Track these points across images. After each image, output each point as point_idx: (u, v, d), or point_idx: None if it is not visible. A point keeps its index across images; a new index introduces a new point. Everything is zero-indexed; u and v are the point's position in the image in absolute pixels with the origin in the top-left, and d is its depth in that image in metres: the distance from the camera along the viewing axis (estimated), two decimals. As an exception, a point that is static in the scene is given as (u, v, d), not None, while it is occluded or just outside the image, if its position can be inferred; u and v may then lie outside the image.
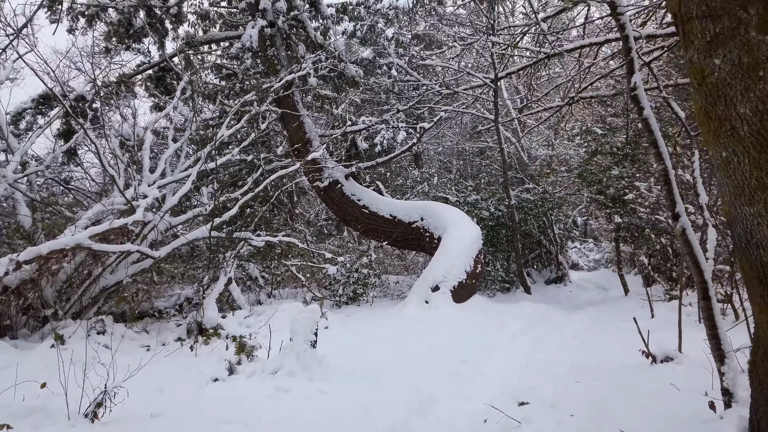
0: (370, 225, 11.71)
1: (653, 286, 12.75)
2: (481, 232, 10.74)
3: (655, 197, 9.16)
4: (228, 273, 7.70)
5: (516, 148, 15.19)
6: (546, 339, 7.20)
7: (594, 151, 11.35)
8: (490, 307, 9.36)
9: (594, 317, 8.81)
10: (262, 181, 9.40)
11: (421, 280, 9.62)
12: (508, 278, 12.93)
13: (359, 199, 11.83)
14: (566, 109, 13.68)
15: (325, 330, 7.58)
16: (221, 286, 7.55)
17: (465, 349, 6.23)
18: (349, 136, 13.18)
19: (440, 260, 9.70)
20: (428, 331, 7.37)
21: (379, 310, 9.57)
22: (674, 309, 8.48)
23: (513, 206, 12.64)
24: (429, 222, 11.12)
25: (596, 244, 23.81)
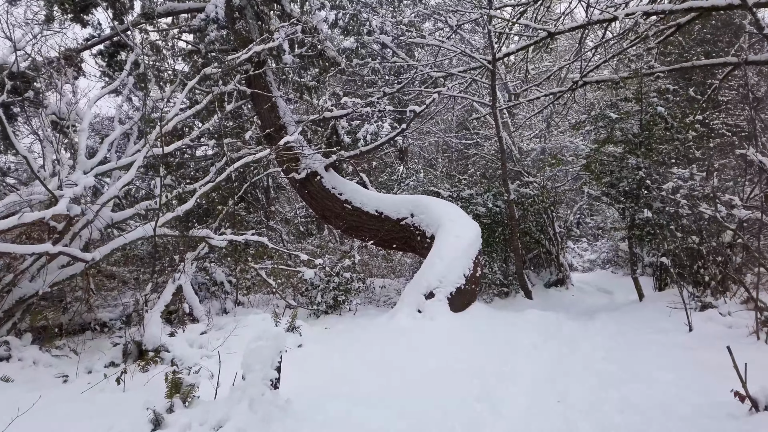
0: (353, 222, 10.32)
1: (666, 290, 11.61)
2: (480, 230, 9.42)
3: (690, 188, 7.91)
4: (178, 279, 6.25)
5: (507, 143, 13.91)
6: (567, 359, 5.89)
7: (605, 139, 10.11)
8: (492, 316, 8.04)
9: (614, 328, 7.53)
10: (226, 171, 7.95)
11: (412, 286, 8.26)
12: (507, 281, 11.64)
13: (341, 192, 10.44)
14: (569, 95, 12.46)
15: (298, 349, 6.18)
16: (168, 295, 6.11)
17: (475, 377, 4.89)
18: (329, 122, 11.77)
19: (435, 262, 8.35)
20: (425, 350, 6.01)
21: (363, 320, 8.20)
22: (710, 319, 7.26)
23: (512, 201, 11.35)
24: (420, 218, 9.77)
25: (591, 244, 22.73)
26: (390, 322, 7.65)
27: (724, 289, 8.11)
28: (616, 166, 10.08)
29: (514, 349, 6.30)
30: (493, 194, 11.89)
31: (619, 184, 10.02)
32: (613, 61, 13.23)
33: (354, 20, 15.19)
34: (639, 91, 10.02)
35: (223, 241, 7.18)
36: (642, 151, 9.85)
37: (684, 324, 6.99)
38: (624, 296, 12.70)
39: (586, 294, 13.21)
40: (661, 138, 9.89)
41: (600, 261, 20.11)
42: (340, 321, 8.26)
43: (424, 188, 12.12)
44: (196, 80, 7.68)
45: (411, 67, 11.65)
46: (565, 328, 7.67)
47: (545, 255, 13.79)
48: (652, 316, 8.04)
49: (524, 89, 12.05)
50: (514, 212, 11.30)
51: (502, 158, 11.32)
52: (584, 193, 15.15)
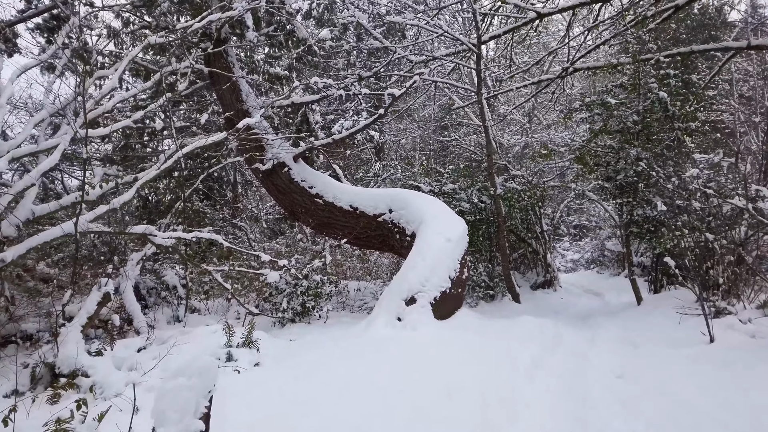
0: (325, 218, 9.27)
1: (662, 292, 10.84)
2: (466, 226, 8.46)
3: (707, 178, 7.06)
4: (105, 285, 5.13)
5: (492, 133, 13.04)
6: (577, 378, 4.95)
7: (601, 128, 9.25)
8: (483, 325, 7.08)
9: (621, 338, 6.64)
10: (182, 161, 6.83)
11: (391, 290, 7.25)
12: (492, 284, 10.72)
13: (311, 186, 9.38)
14: (558, 83, 11.61)
15: (254, 369, 5.11)
16: (92, 305, 4.99)
17: (474, 410, 3.90)
18: (300, 109, 10.70)
19: (417, 263, 7.36)
20: (409, 370, 5.01)
21: (335, 329, 7.15)
22: (730, 327, 6.42)
23: (499, 196, 10.44)
24: (400, 214, 8.77)
25: (573, 243, 22.05)
26: (366, 332, 6.63)
27: (737, 292, 7.29)
28: (612, 158, 9.23)
29: (514, 366, 5.33)
30: (478, 189, 10.96)
31: (616, 177, 9.18)
32: (604, 48, 12.45)
33: (329, 10, 14.16)
34: (636, 77, 9.19)
35: (168, 239, 6.06)
36: (641, 141, 9.03)
37: (701, 333, 6.13)
38: (615, 298, 11.90)
39: (575, 296, 12.38)
40: (660, 127, 9.08)
41: (584, 261, 19.40)
42: (309, 331, 7.20)
43: (404, 182, 11.13)
44: (138, 50, 6.53)
45: (389, 52, 10.64)
46: (566, 337, 6.75)
47: (532, 255, 12.92)
48: (659, 322, 7.19)
49: (511, 75, 11.17)
50: (501, 208, 10.39)
51: (488, 150, 10.40)
52: (571, 189, 14.37)
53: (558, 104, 13.55)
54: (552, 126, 16.20)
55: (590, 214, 18.83)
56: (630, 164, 8.73)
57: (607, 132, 9.41)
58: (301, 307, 7.58)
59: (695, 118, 9.11)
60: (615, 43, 11.39)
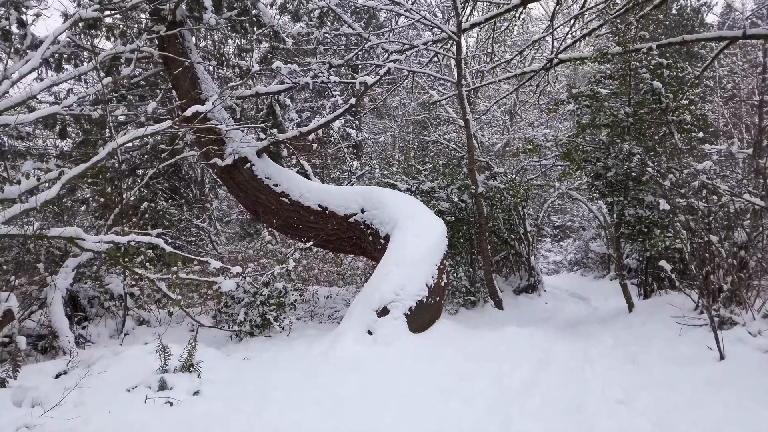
0: (291, 219, 8.45)
1: (652, 297, 10.22)
2: (445, 228, 7.72)
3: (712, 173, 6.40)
4: (5, 301, 4.25)
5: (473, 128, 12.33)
6: (575, 406, 4.21)
7: (590, 122, 8.57)
8: (464, 338, 6.33)
9: (618, 352, 5.94)
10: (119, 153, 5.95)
11: (361, 299, 6.47)
12: (474, 289, 9.99)
13: (276, 183, 8.55)
14: (542, 75, 10.95)
15: (191, 400, 4.28)
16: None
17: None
18: (264, 99, 9.86)
19: (390, 270, 6.59)
20: (382, 398, 4.24)
21: (299, 344, 6.33)
22: (740, 341, 5.76)
23: (480, 195, 9.72)
24: (373, 215, 8.00)
25: (555, 244, 21.51)
26: (332, 349, 5.85)
27: (740, 299, 6.66)
28: (602, 153, 8.57)
29: (501, 390, 4.59)
30: (458, 187, 10.22)
31: (606, 174, 8.52)
32: (590, 40, 11.82)
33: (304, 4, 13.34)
34: (627, 66, 8.54)
35: (98, 244, 5.18)
36: (632, 135, 8.39)
37: (707, 347, 5.46)
38: (602, 303, 11.28)
39: (561, 301, 11.73)
40: (652, 120, 8.44)
41: (566, 263, 18.84)
42: (269, 346, 6.37)
43: (378, 180, 10.35)
44: (67, 25, 5.64)
45: (364, 41, 9.86)
46: (557, 351, 6.03)
47: (514, 257, 12.25)
48: (657, 333, 6.50)
49: (492, 67, 10.48)
50: (482, 207, 9.67)
51: (469, 145, 9.68)
52: (555, 188, 13.74)
53: (541, 99, 12.91)
54: (535, 123, 15.59)
55: (573, 215, 18.27)
56: (622, 160, 8.07)
57: (595, 126, 8.75)
58: (260, 318, 6.75)
59: (689, 111, 8.50)
60: (602, 34, 10.76)
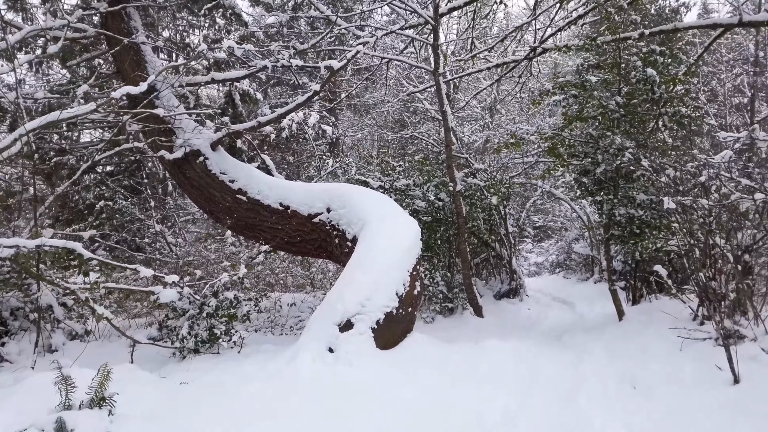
0: (249, 219, 7.60)
1: (641, 303, 9.59)
2: (419, 229, 6.94)
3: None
4: None
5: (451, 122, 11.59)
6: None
7: (578, 113, 7.87)
8: (439, 355, 5.54)
9: (614, 370, 5.23)
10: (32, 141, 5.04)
11: (321, 312, 5.66)
12: (451, 295, 9.24)
13: (233, 179, 7.68)
14: (524, 65, 10.25)
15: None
16: None
17: None
18: (222, 87, 8.97)
19: (356, 277, 5.78)
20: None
21: (251, 362, 5.48)
22: (753, 359, 5.06)
23: (459, 193, 8.97)
24: (340, 214, 7.18)
25: (535, 245, 20.91)
26: (287, 369, 5.03)
27: (744, 309, 5.99)
28: (591, 148, 7.87)
29: (480, 424, 3.81)
30: (435, 185, 9.46)
31: (595, 170, 7.82)
32: (575, 29, 11.16)
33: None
34: (618, 53, 7.86)
35: (0, 249, 4.28)
36: (623, 128, 7.72)
37: (716, 367, 4.77)
38: (588, 308, 10.62)
39: (544, 306, 11.05)
40: (645, 112, 7.77)
41: (548, 264, 18.23)
42: (215, 365, 5.52)
43: (349, 176, 9.55)
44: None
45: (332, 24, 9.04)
46: (545, 369, 5.29)
47: (495, 260, 11.53)
48: (655, 347, 5.80)
49: (472, 55, 9.73)
50: (461, 207, 8.92)
51: (447, 139, 8.92)
52: (537, 186, 13.08)
53: (522, 93, 12.23)
54: (516, 119, 14.92)
55: (555, 215, 17.67)
56: (613, 155, 7.39)
57: (581, 119, 8.05)
58: (207, 333, 5.89)
59: (684, 102, 7.85)
60: (588, 21, 10.09)
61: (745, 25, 8.48)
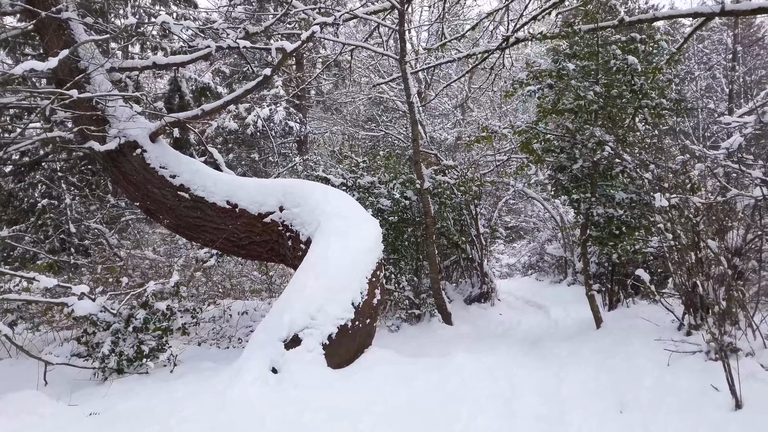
0: (191, 218, 6.79)
1: (618, 308, 9.09)
2: (381, 230, 6.25)
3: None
4: None
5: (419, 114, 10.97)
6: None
7: (554, 104, 7.29)
8: (401, 373, 4.85)
9: (598, 384, 4.63)
10: None
11: (266, 325, 4.92)
12: (419, 300, 8.59)
13: (174, 174, 6.87)
14: (498, 55, 9.67)
15: None
16: None
17: None
18: (166, 74, 8.13)
19: (306, 284, 5.06)
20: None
21: (182, 385, 4.72)
22: (752, 377, 4.48)
23: (427, 191, 8.32)
24: (294, 213, 6.45)
25: (507, 246, 20.47)
26: (223, 394, 4.29)
27: (734, 319, 5.46)
28: (567, 142, 7.30)
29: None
30: (401, 182, 8.79)
31: (572, 166, 7.26)
32: (549, 18, 10.63)
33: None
34: (596, 42, 7.31)
35: None
36: (602, 121, 7.17)
37: (712, 387, 4.20)
38: (562, 313, 10.08)
39: (516, 311, 10.48)
40: (625, 103, 7.24)
41: (520, 266, 17.77)
42: (140, 389, 4.73)
43: (308, 173, 8.81)
44: None
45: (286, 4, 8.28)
46: (523, 388, 4.65)
47: (466, 262, 10.93)
48: (641, 362, 5.21)
49: (442, 43, 9.10)
50: (429, 205, 8.27)
51: (413, 132, 8.26)
52: (511, 185, 12.54)
53: (494, 86, 11.67)
54: (488, 115, 14.39)
55: (527, 215, 17.21)
56: (591, 149, 6.82)
57: (557, 112, 7.48)
58: (135, 350, 5.09)
59: (664, 95, 7.34)
60: (564, 10, 9.57)
61: (727, 14, 8.06)
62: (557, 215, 13.05)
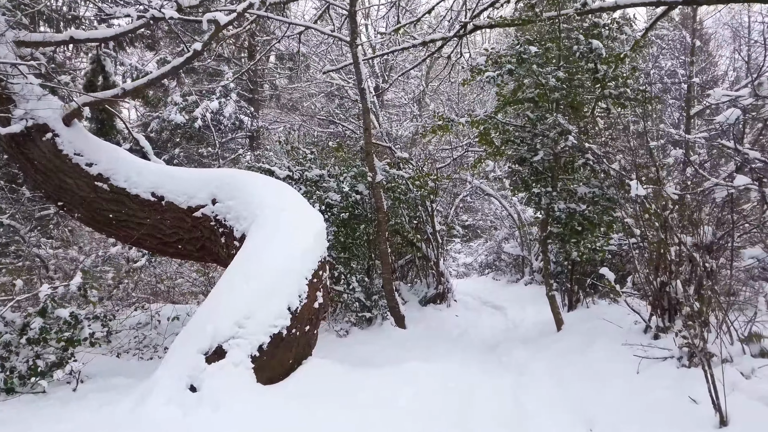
0: (111, 212, 5.98)
1: (578, 309, 8.74)
2: (325, 226, 5.61)
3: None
4: None
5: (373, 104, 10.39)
6: None
7: (515, 90, 6.82)
8: (346, 387, 4.24)
9: (561, 395, 4.13)
10: None
11: (185, 335, 4.22)
12: (370, 302, 7.99)
13: (91, 162, 6.04)
14: (455, 43, 9.20)
15: None
16: None
17: None
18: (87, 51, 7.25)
19: (234, 287, 4.38)
20: None
21: (84, 407, 3.98)
22: (734, 388, 4.05)
23: (380, 185, 7.74)
24: (228, 206, 5.73)
25: (464, 245, 20.13)
26: (127, 421, 3.58)
27: (706, 320, 5.08)
28: (528, 133, 6.85)
29: None
30: (352, 175, 8.18)
31: (533, 158, 6.81)
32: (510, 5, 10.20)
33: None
34: (558, 27, 6.89)
35: None
36: (564, 110, 6.75)
37: (689, 398, 3.76)
38: (520, 313, 9.70)
39: (473, 311, 10.03)
40: (587, 92, 6.84)
41: (477, 265, 17.42)
42: (32, 412, 3.95)
43: (250, 164, 8.10)
44: None
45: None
46: (480, 401, 4.12)
47: (421, 261, 10.40)
48: (607, 367, 4.78)
49: (396, 28, 8.53)
50: (381, 200, 7.69)
51: (365, 121, 7.66)
52: (468, 182, 12.10)
53: (452, 78, 11.20)
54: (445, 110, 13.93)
55: (484, 213, 16.87)
56: (554, 140, 6.38)
57: (517, 102, 7.02)
58: (29, 365, 4.29)
59: (627, 84, 6.98)
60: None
61: (690, 2, 7.80)
62: (515, 213, 12.70)
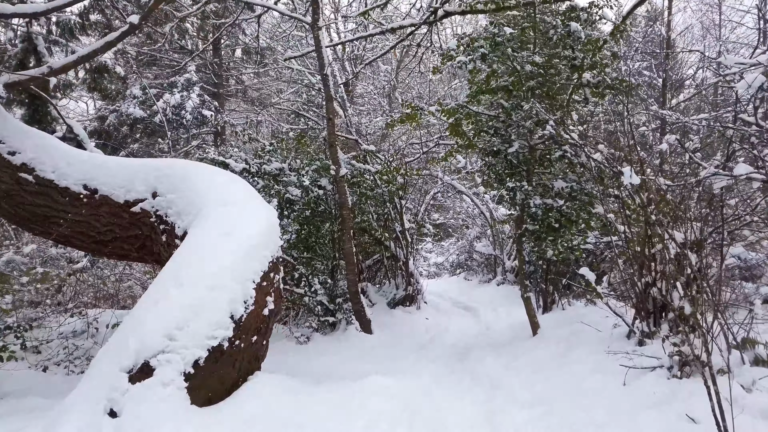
0: (37, 207, 5.28)
1: (553, 311, 8.34)
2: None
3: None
4: None
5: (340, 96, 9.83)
6: None
7: (488, 77, 6.34)
8: (296, 409, 3.66)
9: (540, 415, 3.64)
10: None
11: (107, 350, 3.59)
12: (334, 306, 7.42)
13: (14, 150, 5.32)
14: (425, 31, 8.70)
15: None
16: None
17: None
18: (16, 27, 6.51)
19: (166, 293, 3.76)
20: None
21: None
22: (735, 404, 3.65)
23: (344, 179, 7.18)
24: (170, 200, 5.09)
25: (435, 244, 19.70)
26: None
27: (694, 324, 4.68)
28: (502, 123, 6.38)
29: None
30: (314, 169, 7.59)
31: (507, 150, 6.34)
32: None
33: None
34: (534, 10, 6.43)
35: None
36: (540, 98, 6.30)
37: (687, 417, 3.32)
38: (492, 316, 9.26)
39: (444, 314, 9.55)
40: (565, 81, 6.41)
41: (448, 265, 17.00)
42: None
43: (202, 156, 7.45)
44: None
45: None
46: (449, 425, 3.59)
47: (390, 261, 9.88)
48: (590, 378, 4.32)
49: (362, 12, 7.98)
50: (346, 196, 7.13)
51: (329, 109, 7.08)
52: (438, 178, 11.64)
53: (422, 68, 10.71)
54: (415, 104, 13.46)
55: (456, 211, 16.46)
56: (530, 129, 5.93)
57: (491, 91, 6.55)
58: None
59: (605, 73, 6.58)
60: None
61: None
62: (487, 211, 12.29)
